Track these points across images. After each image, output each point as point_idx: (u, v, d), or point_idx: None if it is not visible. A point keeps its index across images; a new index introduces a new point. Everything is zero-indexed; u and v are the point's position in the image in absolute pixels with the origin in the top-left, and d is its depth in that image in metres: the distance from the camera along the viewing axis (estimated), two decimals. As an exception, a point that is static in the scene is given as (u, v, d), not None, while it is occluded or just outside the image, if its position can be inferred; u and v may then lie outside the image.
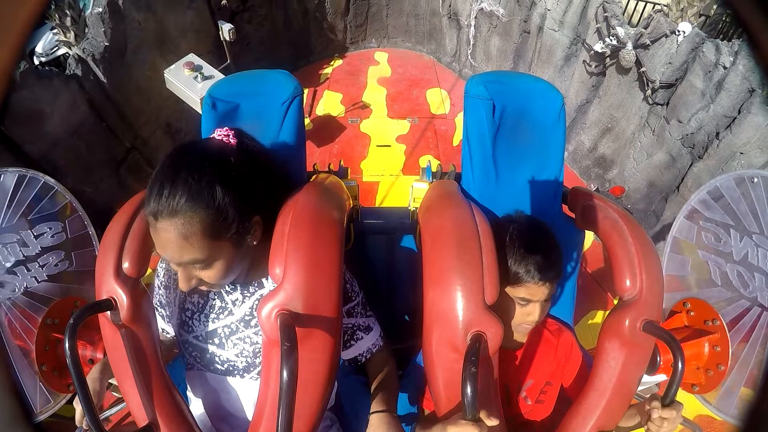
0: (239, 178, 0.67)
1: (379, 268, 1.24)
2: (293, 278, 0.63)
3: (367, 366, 0.86)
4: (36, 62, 2.83)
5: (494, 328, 0.67)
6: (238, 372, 0.79)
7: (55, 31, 2.41)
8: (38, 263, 1.12)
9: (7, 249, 1.08)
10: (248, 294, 0.77)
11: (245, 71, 1.05)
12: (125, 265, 0.72)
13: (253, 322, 0.77)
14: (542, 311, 0.81)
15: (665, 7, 2.60)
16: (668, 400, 0.69)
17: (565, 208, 1.00)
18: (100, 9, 2.35)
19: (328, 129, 3.39)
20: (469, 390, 0.59)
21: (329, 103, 3.52)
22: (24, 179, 1.12)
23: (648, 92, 2.59)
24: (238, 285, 0.78)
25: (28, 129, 2.08)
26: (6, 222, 1.09)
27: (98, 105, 2.45)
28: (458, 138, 3.27)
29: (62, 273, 1.17)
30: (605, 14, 2.62)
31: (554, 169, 0.98)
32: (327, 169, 1.11)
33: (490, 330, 0.67)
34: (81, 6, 2.46)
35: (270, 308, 0.62)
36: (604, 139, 3.03)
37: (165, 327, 0.89)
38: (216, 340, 0.79)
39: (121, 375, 0.72)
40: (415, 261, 0.84)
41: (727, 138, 2.26)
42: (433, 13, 3.74)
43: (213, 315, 0.79)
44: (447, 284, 0.69)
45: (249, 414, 0.81)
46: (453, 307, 0.68)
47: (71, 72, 2.30)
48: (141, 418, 0.71)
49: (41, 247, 1.13)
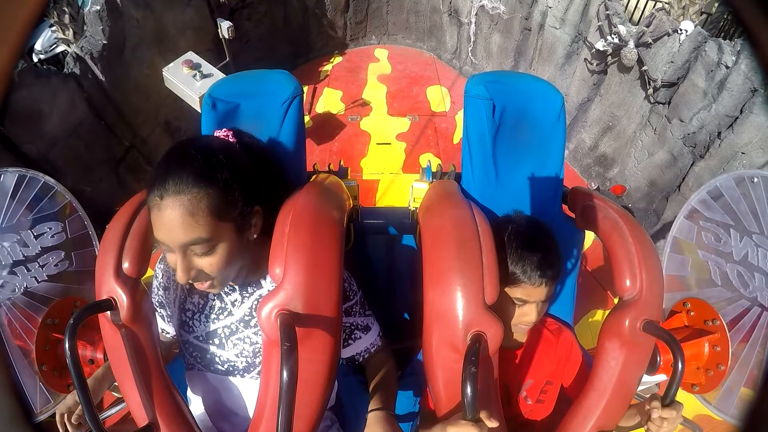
0: (243, 168, 0.69)
1: (379, 268, 1.24)
2: (293, 278, 0.63)
3: (366, 366, 0.86)
4: (35, 60, 2.83)
5: (494, 328, 0.67)
6: (239, 372, 0.79)
7: (54, 29, 2.41)
8: (38, 263, 1.12)
9: (7, 249, 1.08)
10: (247, 294, 0.77)
11: (245, 71, 1.05)
12: (125, 265, 0.72)
13: (253, 322, 0.77)
14: (539, 312, 0.81)
15: (667, 5, 2.59)
16: (668, 400, 0.69)
17: (565, 208, 1.00)
18: (99, 7, 2.34)
19: (328, 127, 3.38)
20: (469, 390, 0.59)
21: (329, 101, 3.52)
22: (24, 179, 1.12)
23: (649, 91, 2.58)
24: (237, 286, 0.78)
25: (27, 129, 2.08)
26: (6, 222, 1.09)
27: (97, 104, 2.44)
28: (458, 136, 3.26)
29: (62, 273, 1.17)
30: (607, 12, 2.61)
31: (554, 169, 0.98)
32: (327, 169, 1.10)
33: (490, 330, 0.67)
34: (79, 3, 2.46)
35: (270, 308, 0.62)
36: (605, 138, 3.02)
37: (165, 327, 0.89)
38: (216, 341, 0.79)
39: (121, 375, 0.72)
40: (415, 261, 0.84)
41: (729, 138, 2.25)
42: (434, 10, 3.73)
43: (213, 315, 0.79)
44: (447, 284, 0.69)
45: (249, 413, 0.81)
46: (453, 307, 0.68)
47: (69, 70, 2.30)
48: (141, 418, 0.71)
49: (41, 247, 1.13)
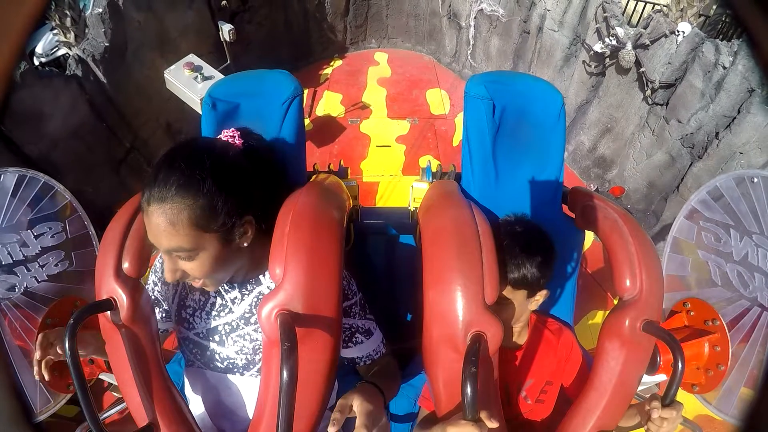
0: (235, 177, 0.68)
1: (379, 268, 1.24)
2: (293, 278, 0.63)
3: (368, 371, 0.86)
4: (36, 63, 2.83)
5: (494, 328, 0.67)
6: (238, 369, 0.79)
7: (55, 32, 2.41)
8: (38, 263, 1.12)
9: (7, 249, 1.08)
10: (246, 292, 0.78)
11: (245, 71, 1.05)
12: (125, 265, 0.72)
13: (253, 319, 0.77)
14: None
15: (665, 8, 2.60)
16: (668, 400, 0.69)
17: (565, 208, 1.00)
18: (100, 9, 2.35)
19: (328, 129, 3.39)
20: (469, 390, 0.59)
21: (329, 104, 3.52)
22: (24, 179, 1.12)
23: (647, 92, 2.59)
24: (237, 284, 0.78)
25: (29, 129, 2.08)
26: (6, 222, 1.09)
27: (98, 105, 2.45)
28: (458, 138, 3.27)
29: (62, 273, 1.17)
30: (605, 14, 2.62)
31: (554, 170, 0.99)
32: (327, 170, 1.11)
33: (490, 330, 0.67)
34: (81, 6, 2.47)
35: (270, 308, 0.62)
36: (604, 139, 3.03)
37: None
38: (216, 338, 0.79)
39: (121, 375, 0.72)
40: (415, 261, 0.84)
41: (727, 138, 2.26)
42: (433, 14, 3.74)
43: (214, 312, 0.79)
44: (447, 284, 0.69)
45: (249, 411, 0.81)
46: (453, 307, 0.68)
47: (71, 72, 2.30)
48: (141, 418, 0.71)
49: (41, 247, 1.13)
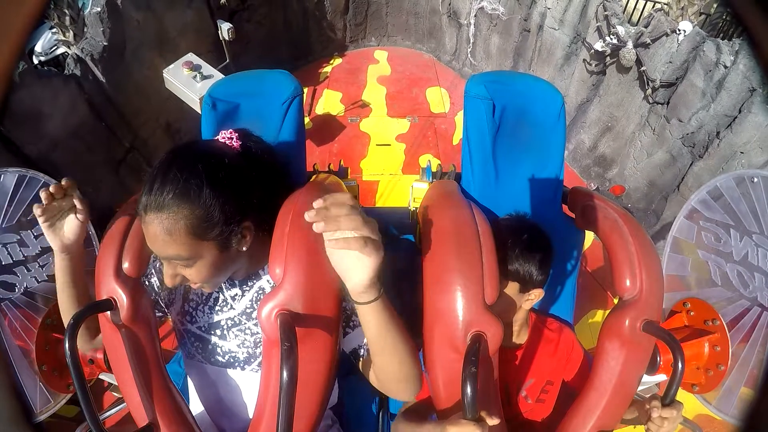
0: (233, 181, 0.67)
1: (379, 268, 1.23)
2: (293, 278, 0.63)
3: (366, 363, 0.84)
4: (35, 61, 2.83)
5: (494, 328, 0.67)
6: (239, 364, 0.79)
7: (54, 30, 2.41)
8: (38, 263, 1.13)
9: (7, 249, 1.08)
10: (247, 288, 0.78)
11: (245, 71, 1.05)
12: (125, 265, 0.72)
13: (254, 314, 0.77)
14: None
15: (665, 6, 2.59)
16: (668, 400, 0.69)
17: (565, 208, 1.00)
18: (99, 8, 2.35)
19: (328, 128, 3.38)
20: (469, 390, 0.59)
21: (329, 102, 3.52)
22: (24, 179, 1.12)
23: (648, 91, 2.59)
24: (237, 281, 0.78)
25: (28, 129, 2.08)
26: (6, 222, 1.09)
27: (97, 105, 2.44)
28: (458, 137, 3.26)
29: (62, 273, 1.16)
30: (605, 13, 2.61)
31: (554, 169, 0.98)
32: (327, 169, 1.10)
33: (490, 330, 0.67)
34: (80, 5, 2.46)
35: (270, 308, 0.62)
36: (604, 138, 3.02)
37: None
38: (218, 332, 0.79)
39: (121, 375, 0.72)
40: (415, 261, 0.84)
41: (728, 137, 2.25)
42: (433, 12, 3.73)
43: (217, 307, 0.79)
44: (447, 284, 0.69)
45: (249, 408, 0.81)
46: (453, 307, 0.68)
47: (70, 72, 2.30)
48: (141, 418, 0.71)
49: (41, 247, 1.13)
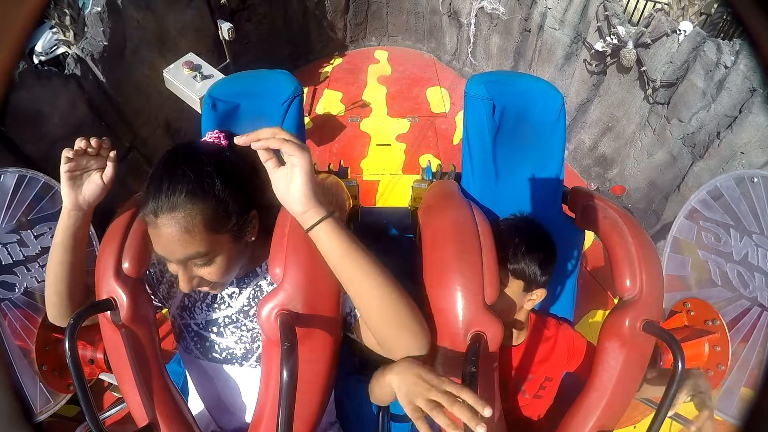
0: (237, 174, 0.68)
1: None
2: (293, 278, 0.63)
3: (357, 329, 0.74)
4: (35, 61, 2.83)
5: (494, 328, 0.67)
6: (237, 360, 0.79)
7: (55, 30, 2.41)
8: (38, 263, 1.12)
9: (7, 249, 1.08)
10: (244, 285, 0.78)
11: (245, 71, 1.05)
12: (125, 265, 0.72)
13: (252, 312, 0.77)
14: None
15: (666, 6, 2.59)
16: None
17: (565, 208, 1.00)
18: (99, 8, 2.35)
19: (328, 128, 3.38)
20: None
21: (329, 102, 3.52)
22: (24, 179, 1.12)
23: (649, 91, 2.59)
24: (235, 279, 0.78)
25: (28, 129, 2.08)
26: (6, 222, 1.09)
27: (97, 104, 2.44)
28: (458, 137, 3.26)
29: (62, 273, 1.16)
30: (606, 13, 2.61)
31: (554, 169, 0.98)
32: (327, 169, 1.11)
33: (490, 330, 0.67)
34: (80, 5, 2.46)
35: (270, 308, 0.62)
36: (605, 139, 3.02)
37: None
38: (215, 329, 0.79)
39: (121, 375, 0.72)
40: (415, 261, 0.84)
41: (728, 137, 2.25)
42: (434, 12, 3.73)
43: (215, 305, 0.79)
44: (447, 284, 0.69)
45: (249, 406, 0.80)
46: (453, 307, 0.68)
47: (70, 71, 2.30)
48: (141, 418, 0.71)
49: (41, 247, 1.13)
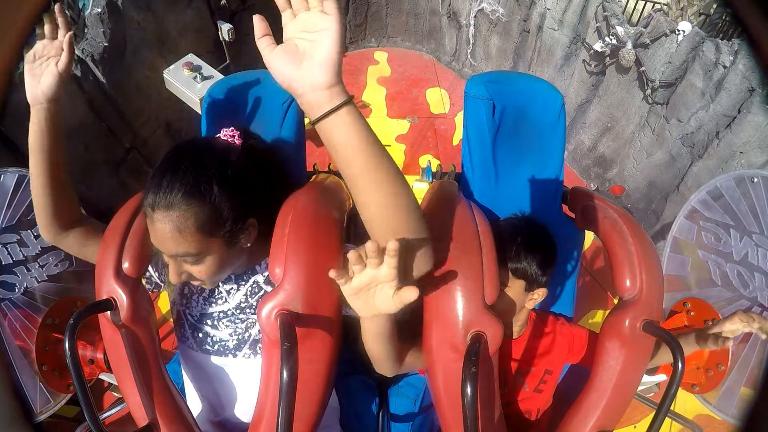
0: (237, 179, 0.68)
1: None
2: (293, 278, 0.63)
3: None
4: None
5: (494, 328, 0.67)
6: (230, 351, 0.78)
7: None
8: (38, 263, 1.13)
9: (7, 249, 1.08)
10: (243, 282, 0.78)
11: (245, 71, 1.05)
12: (125, 265, 0.72)
13: (248, 308, 0.77)
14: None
15: (665, 6, 2.60)
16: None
17: (565, 208, 1.00)
18: (100, 9, 2.35)
19: (328, 129, 3.38)
20: (469, 390, 0.59)
21: (329, 103, 3.52)
22: (24, 179, 1.12)
23: (648, 91, 2.59)
24: (233, 276, 0.78)
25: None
26: (6, 222, 1.09)
27: (97, 105, 2.44)
28: (458, 137, 3.27)
29: (62, 273, 1.17)
30: (605, 13, 2.61)
31: (554, 169, 0.98)
32: (327, 169, 1.11)
33: (490, 330, 0.67)
34: (80, 6, 2.46)
35: (270, 308, 0.62)
36: (604, 139, 3.02)
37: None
38: (209, 322, 0.79)
39: (121, 375, 0.72)
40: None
41: (727, 137, 2.26)
42: (433, 13, 3.73)
43: (212, 299, 0.79)
44: (447, 284, 0.69)
45: (245, 398, 0.80)
46: (453, 307, 0.68)
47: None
48: (141, 418, 0.71)
49: (41, 247, 1.13)
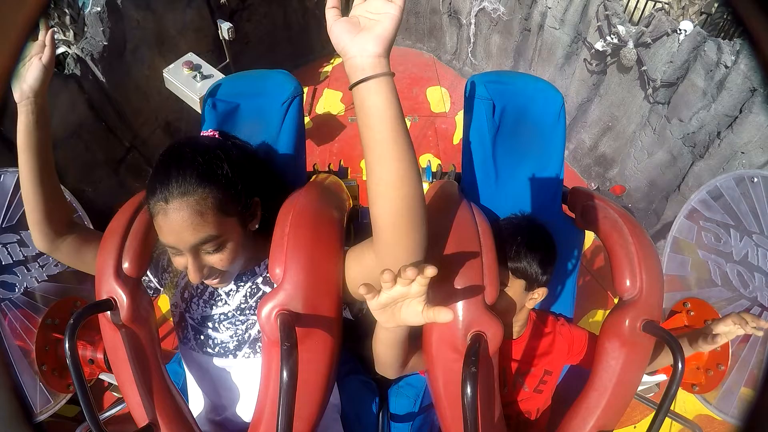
0: (240, 160, 0.70)
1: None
2: (293, 278, 0.63)
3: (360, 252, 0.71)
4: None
5: (494, 328, 0.67)
6: (231, 352, 0.79)
7: (55, 30, 2.41)
8: (38, 263, 1.13)
9: (7, 249, 1.08)
10: (242, 284, 0.78)
11: (245, 71, 1.05)
12: (125, 265, 0.72)
13: (248, 309, 0.78)
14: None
15: (666, 6, 2.59)
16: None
17: (565, 208, 1.00)
18: (99, 8, 2.35)
19: (328, 127, 3.38)
20: (469, 390, 0.59)
21: (329, 102, 3.52)
22: (24, 179, 1.12)
23: (649, 91, 2.58)
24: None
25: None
26: (6, 222, 1.09)
27: (97, 105, 2.44)
28: (458, 136, 3.26)
29: (62, 273, 1.17)
30: (606, 12, 2.61)
31: (554, 169, 0.98)
32: (327, 169, 1.10)
33: (490, 330, 0.67)
34: (80, 5, 2.46)
35: (270, 308, 0.62)
36: (605, 138, 3.02)
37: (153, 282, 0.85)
38: (210, 324, 0.79)
39: (121, 375, 0.72)
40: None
41: (729, 137, 2.25)
42: (433, 11, 3.73)
43: (212, 301, 0.79)
44: (447, 284, 0.69)
45: (245, 398, 0.80)
46: (453, 307, 0.68)
47: (70, 71, 2.30)
48: (141, 418, 0.71)
49: (41, 247, 1.13)
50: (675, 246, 1.20)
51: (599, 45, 2.68)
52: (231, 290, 0.78)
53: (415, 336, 0.74)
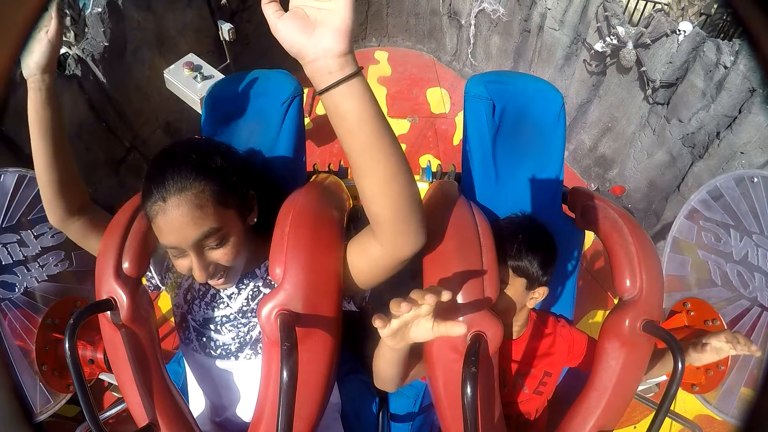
0: (231, 155, 0.71)
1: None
2: (293, 278, 0.63)
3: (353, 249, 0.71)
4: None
5: (494, 328, 0.67)
6: (233, 354, 0.79)
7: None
8: (38, 263, 1.13)
9: (7, 249, 1.08)
10: (243, 286, 0.78)
11: (245, 71, 1.05)
12: (125, 265, 0.72)
13: (249, 312, 0.78)
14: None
15: (666, 6, 2.60)
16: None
17: (565, 208, 1.00)
18: (100, 9, 2.35)
19: (329, 128, 3.34)
20: (469, 390, 0.59)
21: (329, 103, 3.52)
22: (24, 179, 1.12)
23: (648, 92, 2.59)
24: None
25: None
26: (6, 222, 1.09)
27: (98, 105, 2.44)
28: (458, 137, 3.26)
29: (62, 273, 1.17)
30: (606, 13, 2.61)
31: (554, 169, 0.98)
32: (327, 169, 1.11)
33: (490, 330, 0.67)
34: (81, 5, 2.46)
35: (270, 308, 0.62)
36: (605, 139, 3.02)
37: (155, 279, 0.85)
38: (212, 326, 0.79)
39: (121, 375, 0.72)
40: (415, 261, 0.84)
41: (728, 138, 2.25)
42: (433, 12, 3.73)
43: (213, 304, 0.79)
44: (447, 284, 0.69)
45: (247, 399, 0.80)
46: (453, 307, 0.68)
47: (71, 72, 2.30)
48: (141, 418, 0.71)
49: (41, 247, 1.13)
50: (675, 246, 1.20)
51: (599, 46, 2.68)
52: (233, 293, 0.78)
53: (416, 349, 0.74)
